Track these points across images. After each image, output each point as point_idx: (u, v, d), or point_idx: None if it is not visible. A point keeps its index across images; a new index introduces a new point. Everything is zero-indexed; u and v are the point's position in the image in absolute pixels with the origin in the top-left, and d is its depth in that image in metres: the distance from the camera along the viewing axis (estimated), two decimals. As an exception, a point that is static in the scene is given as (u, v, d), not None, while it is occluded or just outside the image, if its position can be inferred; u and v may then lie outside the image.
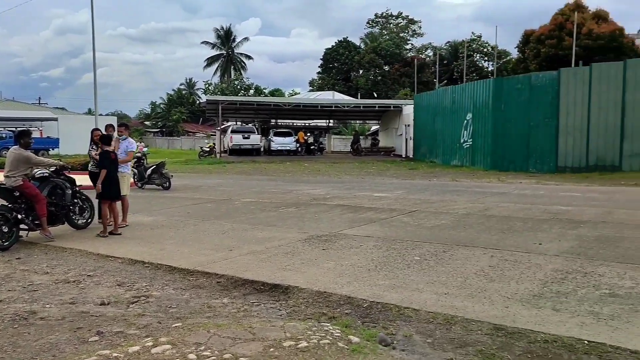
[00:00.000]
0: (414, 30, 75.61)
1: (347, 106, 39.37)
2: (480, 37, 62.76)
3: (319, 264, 6.40)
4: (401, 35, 74.49)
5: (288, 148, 37.60)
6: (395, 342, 4.08)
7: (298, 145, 39.12)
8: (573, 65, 23.32)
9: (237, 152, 36.19)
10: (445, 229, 8.64)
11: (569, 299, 4.92)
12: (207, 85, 71.45)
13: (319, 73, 74.61)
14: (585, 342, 3.94)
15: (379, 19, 77.43)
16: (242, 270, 6.18)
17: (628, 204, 11.22)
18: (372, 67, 66.39)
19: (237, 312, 4.91)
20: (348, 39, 71.86)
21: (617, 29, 29.52)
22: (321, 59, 73.36)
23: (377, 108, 39.35)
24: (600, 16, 30.57)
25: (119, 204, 9.19)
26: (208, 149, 36.83)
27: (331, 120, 50.92)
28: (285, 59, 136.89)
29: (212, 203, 12.58)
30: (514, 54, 42.08)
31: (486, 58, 60.53)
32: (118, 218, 8.97)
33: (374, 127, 50.82)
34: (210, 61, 76.21)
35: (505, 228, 8.55)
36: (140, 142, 23.55)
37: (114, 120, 32.87)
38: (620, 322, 4.32)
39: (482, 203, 11.67)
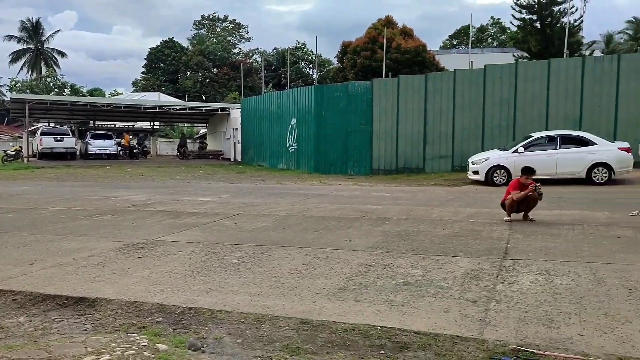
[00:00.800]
0: (242, 35, 76.20)
1: (173, 108, 38.27)
2: (305, 45, 65.42)
3: (132, 273, 6.16)
4: (229, 38, 74.52)
5: (108, 152, 35.38)
6: (205, 345, 4.11)
7: (120, 148, 37.00)
8: (384, 76, 25.51)
9: (48, 156, 33.08)
10: (265, 230, 8.88)
11: (369, 289, 5.40)
12: (12, 83, 64.00)
13: (143, 73, 71.41)
14: (379, 327, 4.37)
15: (206, 21, 76.63)
16: (43, 285, 5.70)
17: (427, 202, 12.60)
18: (200, 69, 65.41)
19: (35, 330, 4.53)
20: (174, 39, 69.93)
21: (421, 44, 32.99)
22: (145, 59, 70.33)
23: (204, 111, 38.86)
24: (407, 32, 33.88)
25: None
26: (14, 153, 33.08)
27: (156, 123, 49.01)
28: (107, 56, 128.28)
29: (15, 213, 11.35)
30: (336, 63, 44.65)
31: (311, 66, 63.23)
32: None
33: (202, 131, 50.06)
34: (16, 56, 68.35)
35: (321, 227, 9.06)
36: None
37: None
38: (410, 307, 4.87)
39: (302, 204, 12.20)
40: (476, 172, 16.42)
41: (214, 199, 13.75)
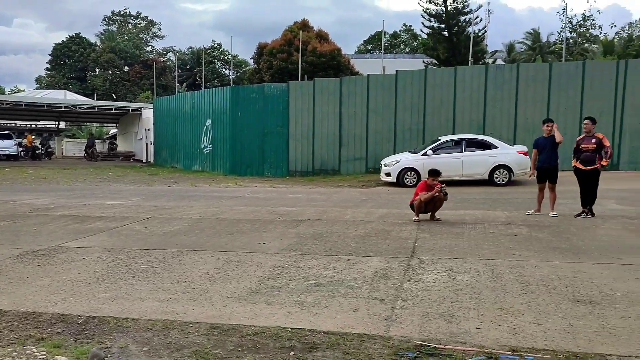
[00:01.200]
0: (155, 33, 73.89)
1: (80, 107, 36.41)
2: (220, 45, 64.51)
3: (30, 283, 5.81)
4: (141, 36, 72.00)
5: (7, 152, 33.16)
6: (109, 355, 3.96)
7: (21, 149, 34.72)
8: (300, 78, 25.72)
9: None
10: (177, 234, 8.67)
11: (281, 292, 5.43)
12: None
13: (47, 70, 67.38)
14: (289, 329, 4.41)
15: (117, 17, 73.59)
16: None
17: (341, 203, 12.85)
18: (111, 67, 62.68)
19: None
20: (81, 34, 66.54)
21: (336, 48, 33.56)
22: (50, 55, 66.39)
23: (114, 110, 37.29)
24: (322, 36, 34.34)
25: None
26: None
27: (62, 122, 46.42)
28: (6, 51, 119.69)
29: None
30: (252, 64, 44.41)
31: (227, 66, 62.44)
32: None
33: (112, 131, 48.00)
34: None
35: (234, 230, 8.98)
36: None
37: None
38: (320, 307, 4.95)
39: (217, 207, 12.04)
40: (388, 174, 16.95)
41: (123, 202, 13.24)
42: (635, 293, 5.21)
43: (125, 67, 63.82)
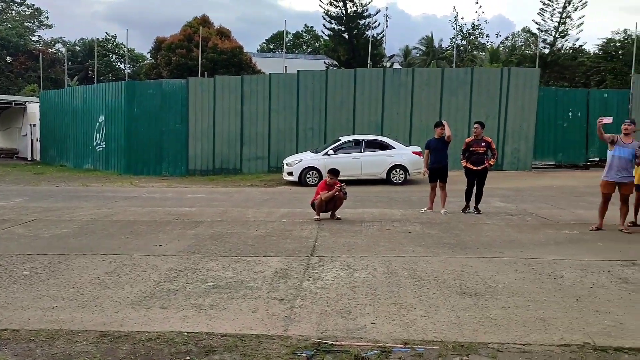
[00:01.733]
0: (42, 22, 68.86)
1: (-47, 100, 33.06)
2: (115, 37, 61.39)
3: None
4: (26, 24, 66.79)
5: None
6: (-17, 371, 3.64)
7: None
8: (200, 75, 25.12)
9: None
10: (65, 238, 8.15)
11: (177, 295, 5.28)
12: None
13: None
14: (185, 333, 4.29)
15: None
16: None
17: (242, 202, 12.72)
18: (-10, 56, 57.50)
19: None
20: (-45, 19, 60.48)
21: (237, 46, 33.18)
22: None
23: (-6, 104, 34.26)
24: (223, 33, 33.81)
25: None
26: None
27: None
28: None
29: None
30: (149, 59, 42.76)
31: (122, 60, 59.61)
32: None
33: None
34: None
35: (129, 232, 8.60)
36: None
37: None
38: (218, 310, 4.87)
39: (109, 208, 11.46)
40: (290, 173, 17.04)
41: (4, 203, 12.22)
42: (515, 284, 5.64)
43: (8, 57, 58.88)
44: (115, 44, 59.84)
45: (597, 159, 21.07)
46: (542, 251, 7.24)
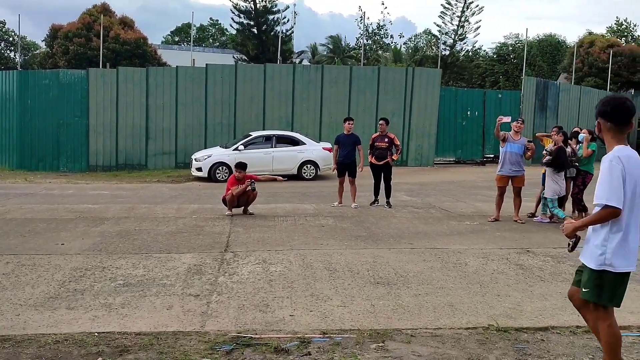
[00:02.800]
0: None
1: None
2: (4, 23, 56.78)
3: None
4: None
5: None
6: None
7: None
8: (101, 66, 23.86)
9: None
10: (-49, 238, 7.46)
11: (85, 295, 5.01)
12: None
13: None
14: (96, 334, 4.10)
15: None
16: None
17: (149, 199, 12.28)
18: None
19: None
20: None
21: (141, 37, 31.78)
22: None
23: None
24: (127, 23, 32.27)
25: None
26: None
27: None
28: None
29: None
30: (44, 47, 39.96)
31: (12, 48, 55.27)
32: None
33: None
34: None
35: (26, 231, 8.03)
36: None
37: None
38: (130, 308, 4.69)
39: (2, 206, 10.62)
40: (199, 169, 16.67)
41: None
42: (424, 273, 5.91)
43: None
44: (4, 30, 55.38)
45: (493, 155, 22.54)
46: (447, 241, 7.64)
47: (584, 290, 3.31)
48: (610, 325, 3.28)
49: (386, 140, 10.93)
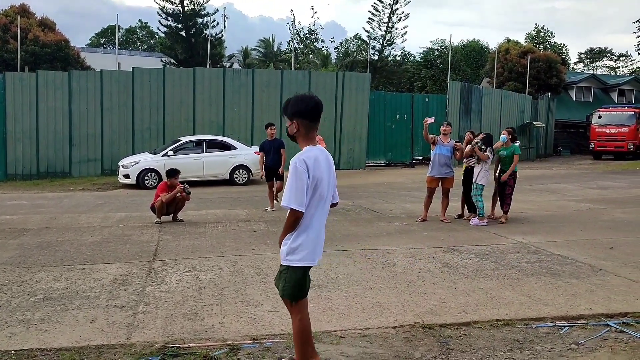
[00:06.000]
0: None
1: None
2: None
3: None
4: None
5: None
6: None
7: None
8: (19, 69, 22.67)
9: None
10: None
11: (1, 311, 4.75)
12: None
13: None
14: (13, 352, 3.90)
15: None
16: None
17: (73, 208, 11.78)
18: None
19: None
20: None
21: (63, 39, 30.44)
22: None
23: None
24: (47, 25, 30.83)
25: None
26: None
27: None
28: None
29: None
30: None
31: None
32: None
33: None
34: None
35: None
36: None
37: None
38: (51, 323, 4.49)
39: None
40: (127, 176, 16.17)
41: None
42: (354, 275, 6.02)
43: None
44: None
45: (421, 158, 23.27)
46: (377, 242, 7.81)
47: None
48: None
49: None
